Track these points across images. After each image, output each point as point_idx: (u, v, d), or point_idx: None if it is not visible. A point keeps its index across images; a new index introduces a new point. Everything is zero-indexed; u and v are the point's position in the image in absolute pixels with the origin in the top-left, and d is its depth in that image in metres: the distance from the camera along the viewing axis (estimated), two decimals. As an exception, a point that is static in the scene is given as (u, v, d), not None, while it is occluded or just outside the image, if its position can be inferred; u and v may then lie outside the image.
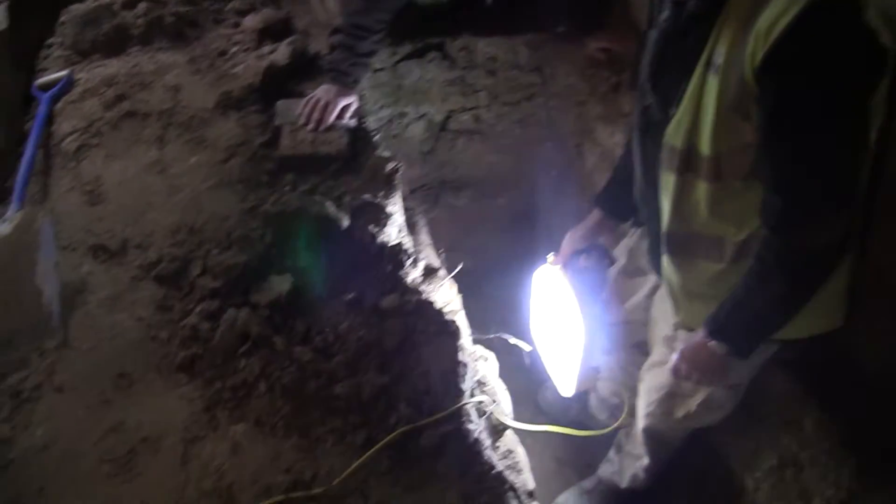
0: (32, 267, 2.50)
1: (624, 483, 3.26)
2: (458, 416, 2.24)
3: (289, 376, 2.24)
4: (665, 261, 2.41)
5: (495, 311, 3.92)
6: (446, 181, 4.25)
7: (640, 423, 2.97)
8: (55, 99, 3.23)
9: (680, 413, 2.78)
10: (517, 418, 2.70)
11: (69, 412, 2.25)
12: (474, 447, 2.18)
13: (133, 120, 3.11)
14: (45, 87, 3.27)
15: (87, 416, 2.24)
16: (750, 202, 2.09)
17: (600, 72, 3.60)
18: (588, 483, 3.46)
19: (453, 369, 2.33)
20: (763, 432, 2.76)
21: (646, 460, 3.06)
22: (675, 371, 2.46)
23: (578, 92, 3.72)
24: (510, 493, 2.11)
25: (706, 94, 1.98)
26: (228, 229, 2.63)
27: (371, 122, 3.15)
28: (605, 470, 3.37)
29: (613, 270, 2.98)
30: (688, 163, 2.11)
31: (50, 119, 3.17)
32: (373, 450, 2.13)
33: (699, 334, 2.35)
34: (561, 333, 3.04)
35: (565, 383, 3.19)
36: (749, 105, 1.91)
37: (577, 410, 3.71)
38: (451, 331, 2.41)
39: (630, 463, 3.21)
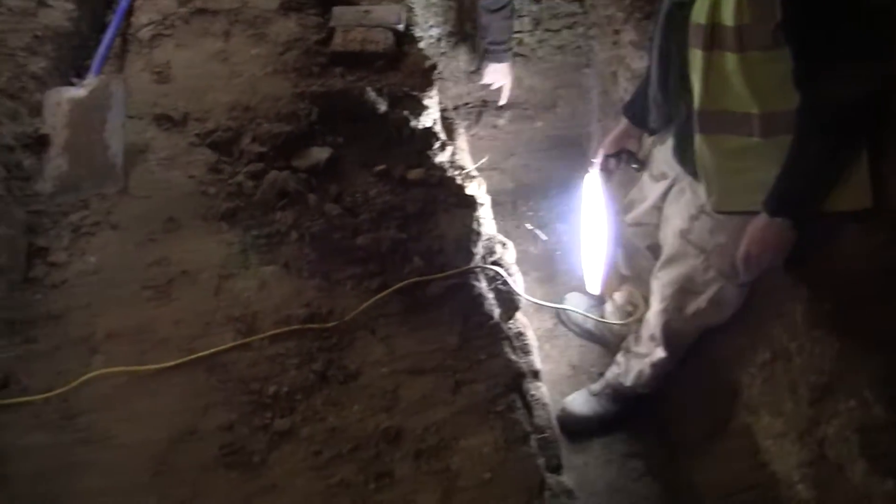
0: (103, 124, 2.65)
1: (628, 382, 3.29)
2: (466, 274, 2.32)
3: (318, 227, 2.35)
4: (698, 141, 2.44)
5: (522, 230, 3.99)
6: (488, 101, 4.30)
7: (655, 320, 3.02)
8: (136, -6, 3.35)
9: (691, 309, 2.84)
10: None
11: (120, 246, 2.38)
12: (477, 300, 2.26)
13: (203, 16, 3.22)
14: (128, -15, 3.39)
15: (136, 250, 2.37)
16: (773, 76, 2.17)
17: (636, 1, 3.62)
18: (596, 386, 3.51)
19: (467, 235, 2.41)
20: (758, 327, 2.78)
21: (660, 354, 3.10)
22: (746, 257, 2.49)
23: (615, 21, 3.74)
24: (505, 342, 2.18)
25: None
26: (279, 108, 2.73)
27: (422, 38, 3.22)
28: (612, 372, 3.41)
29: (644, 174, 3.07)
30: (713, 37, 2.20)
31: (129, 12, 3.28)
32: (384, 293, 2.23)
33: (758, 219, 2.40)
34: (593, 234, 3.21)
35: (593, 281, 3.36)
36: None
37: (594, 322, 3.76)
38: (469, 203, 2.48)
39: (636, 362, 3.24)
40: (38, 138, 2.59)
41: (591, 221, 3.27)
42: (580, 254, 3.48)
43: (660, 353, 3.06)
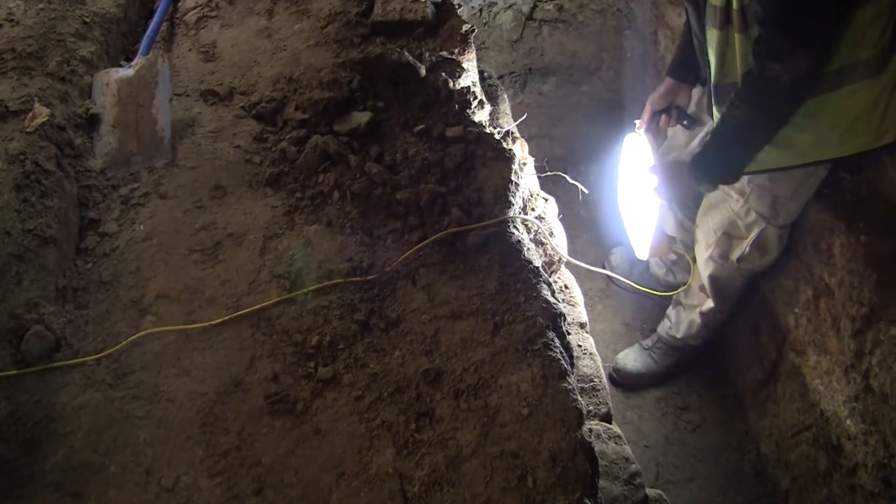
0: (150, 101, 2.66)
1: (679, 334, 3.26)
2: (505, 223, 2.28)
3: (359, 185, 2.33)
4: (715, 112, 2.48)
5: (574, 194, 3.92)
6: (533, 68, 4.25)
7: (703, 270, 2.97)
8: (183, -20, 3.37)
9: (735, 255, 2.80)
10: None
11: (168, 214, 2.38)
12: (515, 247, 2.22)
13: (248, -4, 3.23)
14: (174, -28, 3.41)
15: (184, 217, 2.37)
16: None
17: (675, -40, 3.57)
18: (648, 341, 3.48)
19: (505, 187, 2.37)
20: (799, 266, 2.73)
21: (709, 304, 3.05)
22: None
23: (654, -19, 3.70)
24: (544, 286, 2.13)
25: None
26: (321, 77, 2.72)
27: (461, 6, 3.19)
28: (663, 327, 3.38)
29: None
30: (726, 17, 2.23)
31: (176, -1, 3.31)
32: (423, 243, 2.21)
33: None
34: (642, 197, 3.08)
35: (641, 247, 3.20)
36: None
37: (640, 271, 3.71)
38: (507, 156, 2.44)
39: (687, 314, 3.20)
40: (88, 118, 2.61)
41: (633, 185, 3.18)
42: (625, 219, 3.40)
43: (709, 302, 3.02)
